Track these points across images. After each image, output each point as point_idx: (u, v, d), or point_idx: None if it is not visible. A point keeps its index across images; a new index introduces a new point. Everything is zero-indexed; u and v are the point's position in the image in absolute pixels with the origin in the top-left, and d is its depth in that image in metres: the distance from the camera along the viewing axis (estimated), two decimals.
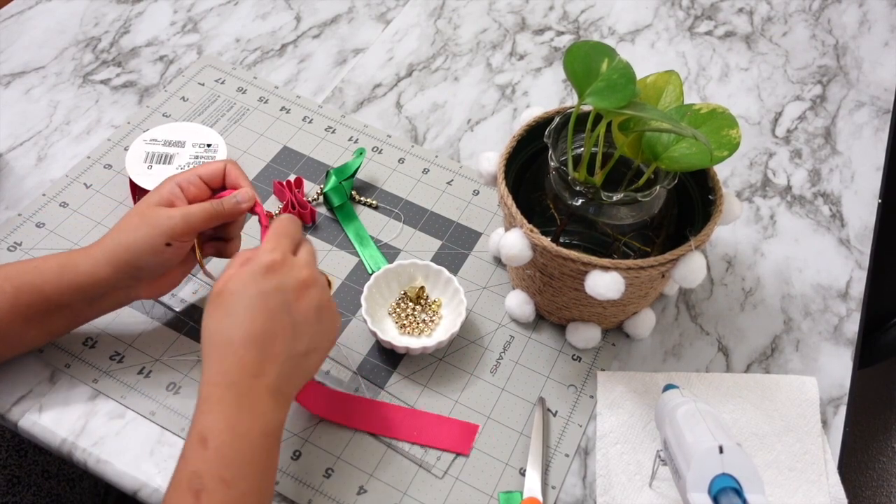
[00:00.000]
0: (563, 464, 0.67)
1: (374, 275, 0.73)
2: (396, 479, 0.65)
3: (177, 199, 0.65)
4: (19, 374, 0.69)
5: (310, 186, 0.84)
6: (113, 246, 0.63)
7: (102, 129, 0.89)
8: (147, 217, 0.63)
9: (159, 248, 0.63)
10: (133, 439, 0.66)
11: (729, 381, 0.71)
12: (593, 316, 0.72)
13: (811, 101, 0.98)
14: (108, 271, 0.63)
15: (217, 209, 0.65)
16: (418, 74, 0.98)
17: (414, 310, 0.74)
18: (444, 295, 0.74)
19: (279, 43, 1.00)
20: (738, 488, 0.52)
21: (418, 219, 0.83)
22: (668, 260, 0.63)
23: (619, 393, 0.70)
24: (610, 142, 0.68)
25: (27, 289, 0.62)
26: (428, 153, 0.89)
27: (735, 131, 0.65)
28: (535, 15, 1.07)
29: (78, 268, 0.63)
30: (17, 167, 0.84)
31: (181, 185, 0.65)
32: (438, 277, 0.74)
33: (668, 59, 1.03)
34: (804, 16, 1.10)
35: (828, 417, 0.71)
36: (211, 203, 0.65)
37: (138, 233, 0.63)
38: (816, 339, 0.77)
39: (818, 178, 0.90)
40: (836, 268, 0.82)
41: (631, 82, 0.63)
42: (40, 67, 0.95)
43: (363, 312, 0.70)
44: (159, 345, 0.71)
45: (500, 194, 0.68)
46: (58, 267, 0.63)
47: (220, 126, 0.89)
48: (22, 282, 0.62)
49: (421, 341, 0.71)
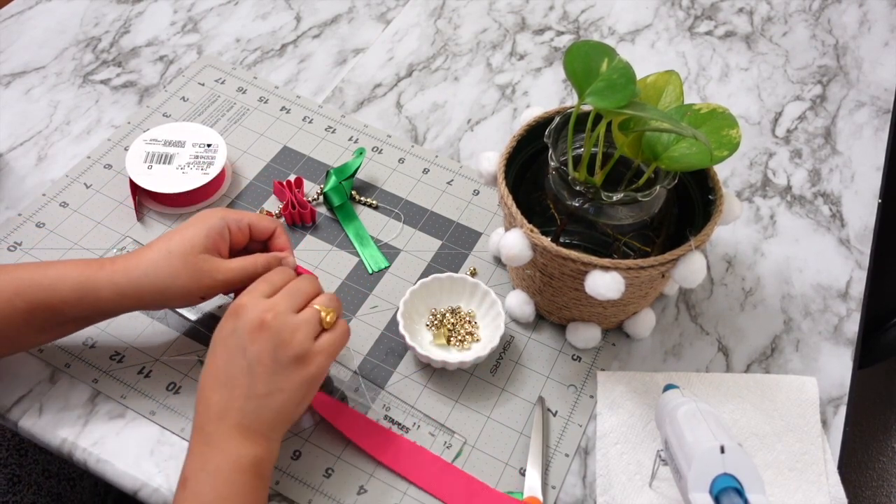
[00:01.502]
0: (563, 464, 0.67)
1: (409, 289, 0.72)
2: (396, 479, 0.65)
3: (223, 242, 0.62)
4: (19, 374, 0.69)
5: (310, 186, 0.84)
6: (147, 283, 0.60)
7: (102, 129, 0.89)
8: (191, 267, 0.60)
9: (194, 300, 0.62)
10: (133, 439, 0.66)
11: (729, 381, 0.71)
12: (593, 316, 0.72)
13: (811, 101, 0.98)
14: (132, 303, 0.61)
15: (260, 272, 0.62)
16: (418, 74, 0.98)
17: (454, 324, 0.73)
18: (479, 308, 0.74)
19: (279, 43, 1.00)
20: (740, 488, 0.52)
21: (418, 219, 0.83)
22: (668, 260, 0.63)
23: (619, 393, 0.70)
24: (610, 142, 0.68)
25: (44, 307, 0.60)
26: (428, 153, 0.89)
27: (735, 131, 0.65)
28: (535, 15, 1.07)
29: (99, 293, 0.60)
30: (17, 167, 0.84)
31: (230, 227, 0.63)
32: (475, 291, 0.73)
33: (668, 59, 1.03)
34: (804, 16, 1.10)
35: (828, 417, 0.71)
36: (255, 264, 0.63)
37: (177, 282, 0.60)
38: (816, 339, 0.77)
39: (818, 178, 0.90)
40: (836, 268, 0.82)
41: (631, 82, 0.63)
42: (40, 67, 0.95)
43: (401, 329, 0.69)
44: (159, 345, 0.71)
45: (500, 194, 0.68)
46: (78, 288, 0.60)
47: (221, 126, 0.89)
48: (37, 299, 0.60)
49: (461, 355, 0.70)
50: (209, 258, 0.61)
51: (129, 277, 0.60)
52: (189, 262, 0.60)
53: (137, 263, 0.61)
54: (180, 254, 0.60)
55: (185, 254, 0.60)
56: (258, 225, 0.65)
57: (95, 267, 0.61)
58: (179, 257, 0.60)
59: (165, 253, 0.61)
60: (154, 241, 0.63)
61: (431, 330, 0.73)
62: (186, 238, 0.61)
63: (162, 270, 0.60)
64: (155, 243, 0.62)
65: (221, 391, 0.57)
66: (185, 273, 0.60)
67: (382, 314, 0.75)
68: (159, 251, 0.61)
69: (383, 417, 0.68)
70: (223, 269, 0.62)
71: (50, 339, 0.66)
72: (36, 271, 0.61)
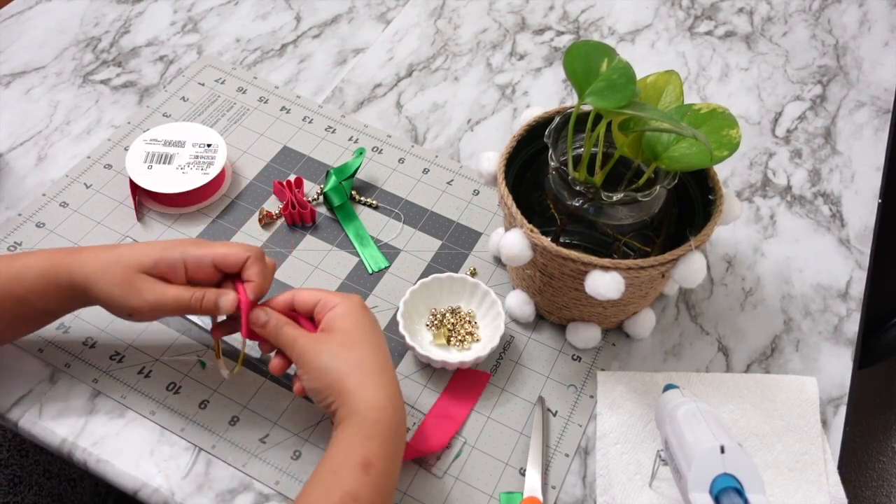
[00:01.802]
0: (563, 464, 0.67)
1: (409, 289, 0.72)
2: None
3: (174, 275, 0.61)
4: (19, 374, 0.69)
5: (310, 186, 0.84)
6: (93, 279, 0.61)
7: (102, 129, 0.89)
8: (126, 284, 0.60)
9: (123, 314, 0.62)
10: (133, 439, 0.66)
11: (729, 381, 0.71)
12: (593, 316, 0.72)
13: (811, 101, 0.98)
14: (83, 296, 0.62)
15: (194, 306, 0.61)
16: (418, 74, 0.98)
17: (454, 324, 0.73)
18: (479, 308, 0.74)
19: (279, 43, 1.00)
20: (740, 488, 0.52)
21: (418, 219, 0.83)
22: (668, 260, 0.63)
23: (619, 393, 0.70)
24: (610, 142, 0.68)
25: (11, 298, 0.61)
26: (428, 153, 0.89)
27: (735, 131, 0.65)
28: (535, 15, 1.07)
29: (60, 280, 0.61)
30: (17, 167, 0.84)
31: (188, 265, 0.61)
32: (475, 291, 0.73)
33: (668, 59, 1.03)
34: (804, 16, 1.10)
35: (828, 417, 0.71)
36: (191, 297, 0.61)
37: (112, 290, 0.60)
38: (816, 339, 0.77)
39: (818, 178, 0.90)
40: (836, 268, 0.82)
41: (631, 82, 0.63)
42: (40, 67, 0.95)
43: (401, 329, 0.69)
44: (159, 345, 0.71)
45: (501, 194, 0.68)
46: (42, 276, 0.61)
47: (221, 126, 0.89)
48: (4, 290, 0.61)
49: (461, 355, 0.70)
50: (147, 279, 0.61)
51: (85, 270, 0.61)
52: (128, 276, 0.60)
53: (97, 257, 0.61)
54: (124, 265, 0.60)
55: (127, 267, 0.61)
56: (224, 261, 0.62)
57: (63, 253, 0.62)
58: (122, 268, 0.60)
59: (115, 261, 0.61)
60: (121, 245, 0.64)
61: (431, 330, 0.73)
62: (137, 254, 0.61)
63: (106, 274, 0.60)
64: (119, 247, 0.63)
65: (391, 377, 0.59)
66: (119, 286, 0.60)
67: (382, 314, 0.75)
68: (116, 254, 0.61)
69: None
70: (155, 292, 0.60)
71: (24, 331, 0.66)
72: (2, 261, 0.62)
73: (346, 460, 0.55)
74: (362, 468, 0.54)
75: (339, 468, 0.55)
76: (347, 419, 0.56)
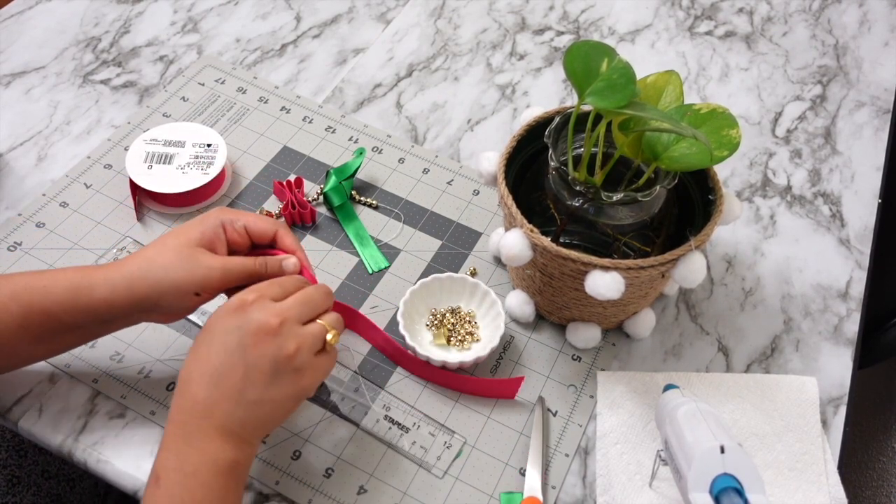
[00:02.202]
0: (563, 464, 0.67)
1: (409, 289, 0.72)
2: (396, 479, 0.65)
3: (219, 242, 0.60)
4: (19, 374, 0.69)
5: (310, 186, 0.84)
6: (139, 276, 0.58)
7: (102, 129, 0.89)
8: (184, 258, 0.58)
9: (187, 296, 0.59)
10: (133, 439, 0.66)
11: (729, 381, 0.71)
12: (593, 316, 0.72)
13: (811, 101, 0.98)
14: (125, 300, 0.59)
15: (259, 271, 0.60)
16: (418, 74, 0.98)
17: (454, 324, 0.73)
18: (479, 308, 0.74)
19: (279, 43, 1.00)
20: (740, 488, 0.52)
21: (418, 219, 0.83)
22: (668, 260, 0.63)
23: (619, 393, 0.70)
24: (610, 142, 0.68)
25: (37, 310, 0.59)
26: (428, 153, 0.89)
27: (735, 131, 0.65)
28: (535, 15, 1.07)
29: (93, 292, 0.59)
30: (17, 167, 0.84)
31: (225, 227, 0.61)
32: (475, 291, 0.73)
33: (668, 59, 1.03)
34: (804, 16, 1.10)
35: (828, 417, 0.71)
36: (255, 262, 0.61)
37: (169, 273, 0.58)
38: (816, 339, 0.77)
39: (818, 178, 0.90)
40: (836, 268, 0.82)
41: (631, 82, 0.63)
42: (40, 67, 0.95)
43: (401, 329, 0.69)
44: (159, 345, 0.71)
45: (500, 194, 0.68)
46: (71, 288, 0.59)
47: (221, 126, 0.89)
48: (31, 302, 0.59)
49: (461, 355, 0.70)
50: (204, 251, 0.60)
51: (122, 272, 0.59)
52: (183, 253, 0.59)
53: (132, 259, 0.60)
54: (174, 247, 0.59)
55: (179, 246, 0.59)
56: (254, 227, 0.62)
57: (91, 269, 0.61)
58: (173, 250, 0.59)
59: (160, 247, 0.60)
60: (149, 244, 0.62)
61: (431, 330, 0.73)
62: (181, 233, 0.60)
63: (155, 263, 0.59)
64: (150, 244, 0.62)
65: (210, 389, 0.54)
66: (178, 264, 0.58)
67: (382, 314, 0.75)
68: (154, 247, 0.60)
69: (383, 417, 0.68)
70: (219, 262, 0.59)
71: (48, 350, 0.63)
72: (31, 276, 0.61)
73: (149, 476, 0.55)
74: (154, 482, 0.53)
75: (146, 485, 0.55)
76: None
